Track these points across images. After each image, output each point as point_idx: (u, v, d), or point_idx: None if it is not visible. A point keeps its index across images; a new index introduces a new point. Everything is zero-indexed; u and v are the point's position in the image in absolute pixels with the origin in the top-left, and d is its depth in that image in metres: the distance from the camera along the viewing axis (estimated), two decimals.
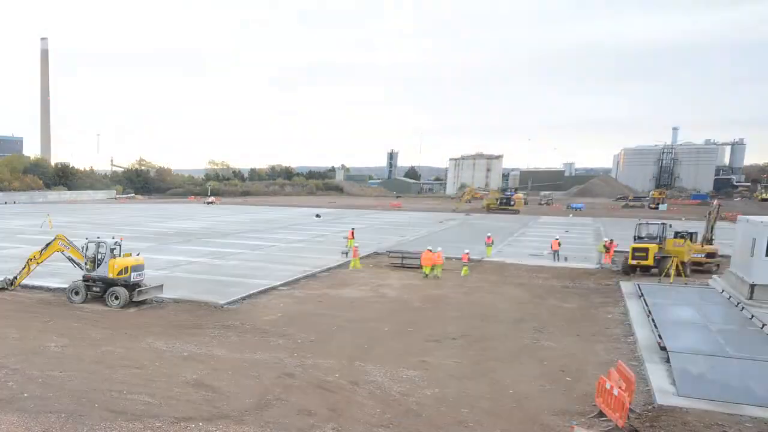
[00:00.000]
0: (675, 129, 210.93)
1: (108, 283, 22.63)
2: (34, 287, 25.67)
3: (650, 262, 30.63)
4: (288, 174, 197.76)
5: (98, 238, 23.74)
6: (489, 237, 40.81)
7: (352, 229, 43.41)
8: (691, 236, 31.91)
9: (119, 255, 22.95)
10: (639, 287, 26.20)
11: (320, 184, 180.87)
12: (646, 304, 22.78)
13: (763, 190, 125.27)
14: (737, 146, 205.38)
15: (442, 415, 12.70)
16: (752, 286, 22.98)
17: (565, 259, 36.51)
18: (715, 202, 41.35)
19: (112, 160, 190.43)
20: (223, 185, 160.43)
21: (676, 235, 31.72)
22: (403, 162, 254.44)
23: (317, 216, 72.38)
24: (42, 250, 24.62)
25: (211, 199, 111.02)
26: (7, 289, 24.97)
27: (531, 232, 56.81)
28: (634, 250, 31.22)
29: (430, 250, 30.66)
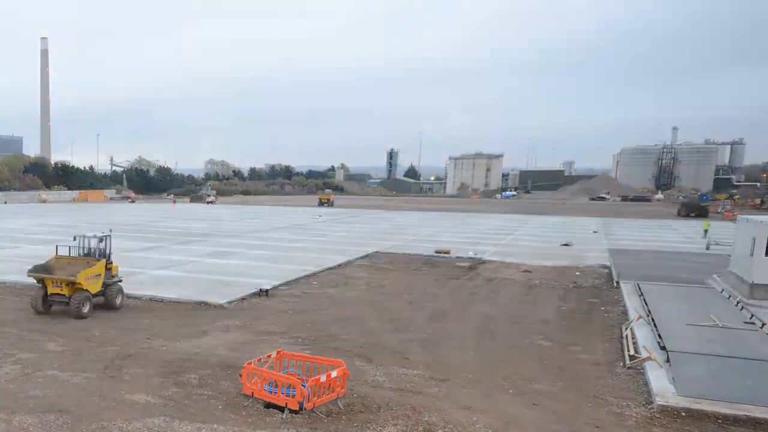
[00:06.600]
0: (675, 129, 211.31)
1: None
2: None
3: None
4: (288, 173, 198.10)
5: None
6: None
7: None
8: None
9: None
10: (638, 286, 26.25)
11: (320, 183, 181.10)
12: (646, 304, 22.82)
13: None
14: (737, 146, 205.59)
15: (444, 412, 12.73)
16: (752, 286, 23.05)
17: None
18: None
19: (111, 159, 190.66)
20: (223, 185, 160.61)
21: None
22: (403, 161, 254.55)
23: (319, 216, 73.54)
24: None
25: (211, 198, 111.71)
26: None
27: (529, 232, 56.85)
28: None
29: None
